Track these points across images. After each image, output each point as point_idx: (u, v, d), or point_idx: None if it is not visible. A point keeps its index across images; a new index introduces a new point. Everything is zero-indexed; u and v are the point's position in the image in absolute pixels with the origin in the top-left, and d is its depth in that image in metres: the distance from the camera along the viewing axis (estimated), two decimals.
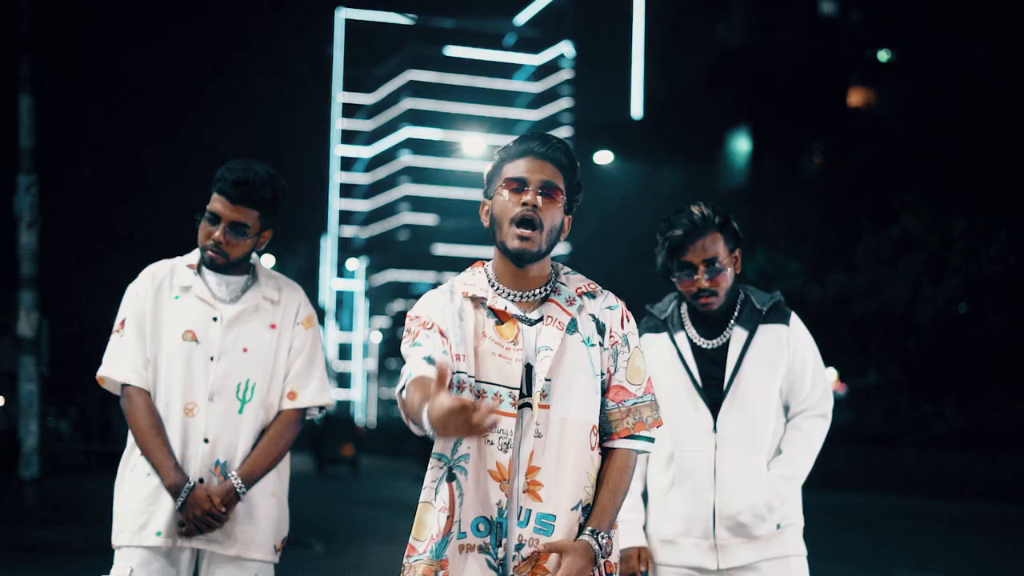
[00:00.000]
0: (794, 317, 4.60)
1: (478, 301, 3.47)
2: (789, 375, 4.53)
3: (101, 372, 4.53)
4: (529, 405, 3.40)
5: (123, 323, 4.53)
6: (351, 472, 39.49)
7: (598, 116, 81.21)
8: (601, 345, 3.50)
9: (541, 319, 3.47)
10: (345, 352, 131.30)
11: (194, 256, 4.60)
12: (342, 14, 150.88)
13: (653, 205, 51.35)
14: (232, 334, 4.48)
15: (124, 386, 4.47)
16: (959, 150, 36.13)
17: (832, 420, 4.64)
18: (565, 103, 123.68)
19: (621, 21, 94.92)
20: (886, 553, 14.64)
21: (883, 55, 53.62)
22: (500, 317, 3.45)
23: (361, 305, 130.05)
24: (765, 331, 4.51)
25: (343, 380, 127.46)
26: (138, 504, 4.41)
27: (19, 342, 16.12)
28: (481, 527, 3.34)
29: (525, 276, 3.48)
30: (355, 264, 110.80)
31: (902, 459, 28.45)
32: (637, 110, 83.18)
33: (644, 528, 4.62)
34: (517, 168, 3.45)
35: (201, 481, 4.39)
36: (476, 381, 3.37)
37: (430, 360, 3.31)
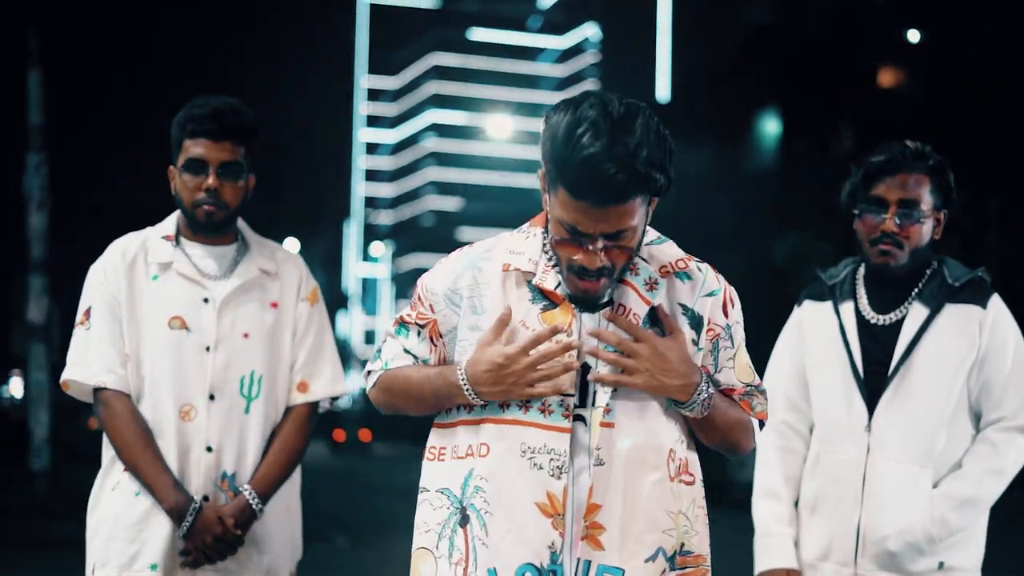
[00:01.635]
0: (995, 299, 3.60)
1: (524, 276, 2.65)
2: (981, 372, 3.53)
3: (66, 375, 3.68)
4: (583, 419, 2.60)
5: (88, 313, 3.70)
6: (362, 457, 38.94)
7: (624, 97, 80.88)
8: (695, 343, 2.67)
9: (610, 305, 2.64)
10: (370, 338, 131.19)
11: (168, 225, 3.81)
12: None
13: (679, 188, 50.90)
14: (228, 317, 3.70)
15: (97, 391, 3.65)
16: (991, 129, 35.58)
17: None
18: (590, 86, 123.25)
19: (647, 3, 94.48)
20: None
21: (913, 35, 53.02)
22: (552, 299, 2.62)
23: (386, 290, 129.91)
24: (953, 311, 3.55)
25: None
26: (126, 531, 3.60)
27: (29, 329, 15.68)
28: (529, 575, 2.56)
29: None
30: (380, 249, 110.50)
31: None
32: (663, 92, 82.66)
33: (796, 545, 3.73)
34: (570, 212, 2.51)
35: (206, 499, 3.61)
36: None
37: (409, 354, 2.69)
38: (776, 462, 3.81)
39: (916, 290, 3.62)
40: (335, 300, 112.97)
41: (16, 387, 45.67)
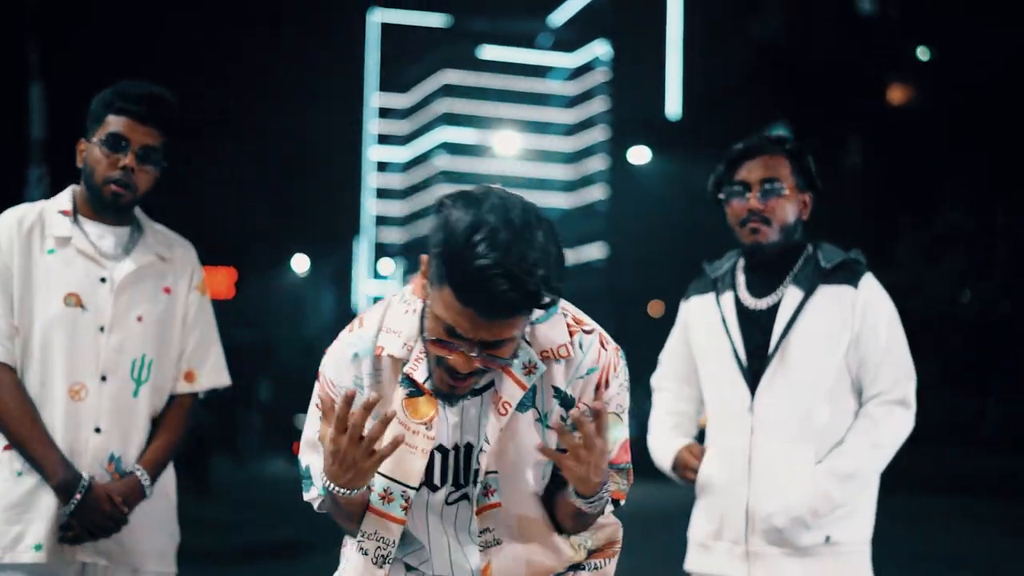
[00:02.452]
0: (867, 279, 3.73)
1: (396, 360, 2.55)
2: (858, 350, 3.65)
3: None
4: (467, 497, 2.57)
5: None
6: None
7: (635, 115, 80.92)
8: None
9: (486, 389, 2.54)
10: None
11: (64, 200, 3.74)
12: (376, 16, 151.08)
13: (690, 203, 51.05)
14: (124, 299, 3.64)
15: None
16: (999, 143, 35.58)
17: None
18: (600, 104, 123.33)
19: (657, 20, 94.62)
20: (930, 555, 14.11)
21: (923, 52, 53.09)
22: (418, 387, 2.53)
23: None
24: (825, 292, 3.68)
25: None
26: (7, 512, 3.53)
27: None
28: None
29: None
30: (389, 266, 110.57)
31: (944, 459, 27.93)
32: (674, 108, 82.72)
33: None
34: (453, 314, 2.38)
35: (92, 479, 3.55)
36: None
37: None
38: (659, 404, 4.09)
39: (791, 274, 3.74)
40: (344, 317, 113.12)
41: None
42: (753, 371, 3.70)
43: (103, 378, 3.59)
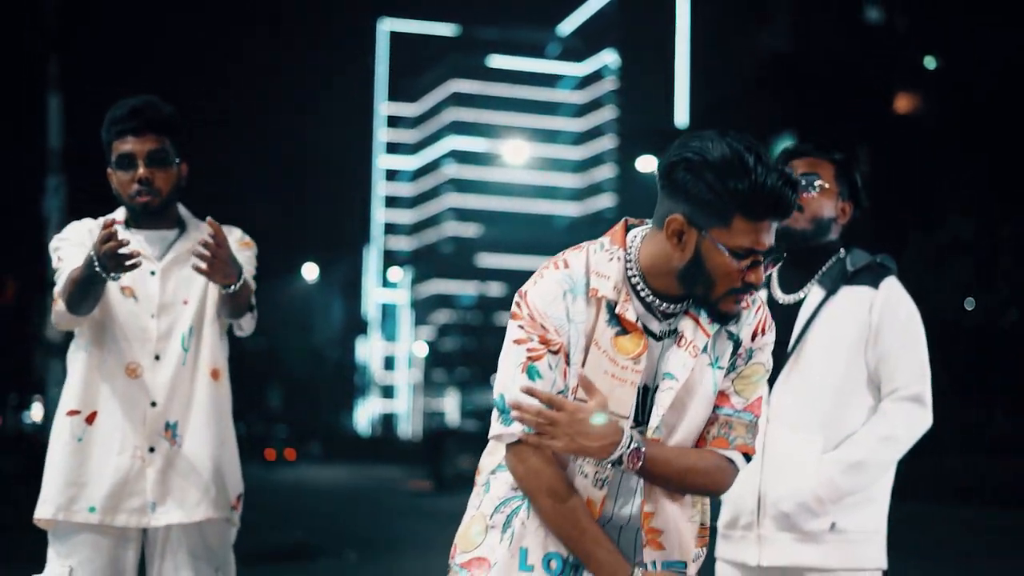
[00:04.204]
0: (889, 281, 3.88)
1: (603, 301, 2.81)
2: (876, 348, 3.80)
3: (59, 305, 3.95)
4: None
5: (60, 257, 4.00)
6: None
7: (642, 123, 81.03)
8: (732, 365, 2.89)
9: (672, 334, 2.83)
10: (389, 363, 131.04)
11: (119, 214, 4.13)
12: (385, 26, 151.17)
13: None
14: (170, 286, 4.04)
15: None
16: (1004, 153, 35.61)
17: None
18: (609, 112, 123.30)
19: (665, 29, 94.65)
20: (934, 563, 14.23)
21: (930, 61, 53.06)
22: (625, 327, 2.80)
23: (406, 316, 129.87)
24: (847, 293, 3.84)
25: (388, 391, 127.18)
26: (66, 475, 3.94)
27: (47, 348, 15.94)
28: (553, 564, 2.82)
29: (677, 293, 2.80)
30: (398, 274, 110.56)
31: (949, 468, 27.92)
32: (682, 117, 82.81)
33: None
34: (751, 235, 2.70)
35: (152, 450, 3.95)
36: (578, 399, 2.75)
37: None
38: None
39: (819, 274, 3.91)
40: (354, 326, 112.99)
41: (38, 413, 45.81)
42: (775, 364, 3.74)
43: (156, 357, 3.99)
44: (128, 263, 3.62)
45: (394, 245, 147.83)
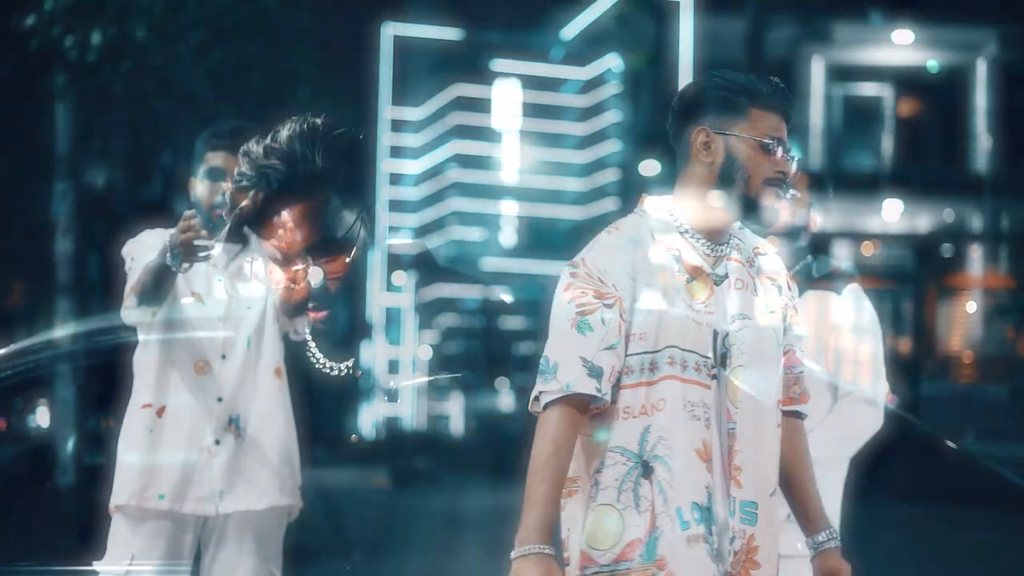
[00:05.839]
0: (852, 289, 4.09)
1: (669, 252, 3.04)
2: (834, 351, 4.01)
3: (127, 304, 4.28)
4: (715, 378, 2.99)
5: (132, 258, 4.33)
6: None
7: (646, 127, 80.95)
8: (784, 311, 3.16)
9: (727, 277, 3.08)
10: (394, 367, 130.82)
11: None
12: (389, 30, 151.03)
13: None
14: (236, 291, 4.35)
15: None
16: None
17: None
18: (612, 117, 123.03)
19: (668, 33, 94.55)
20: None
21: (932, 65, 53.02)
22: (692, 274, 3.03)
23: (410, 320, 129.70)
24: (810, 297, 4.02)
25: (391, 394, 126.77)
26: (140, 463, 4.21)
27: None
28: (696, 513, 2.94)
29: (722, 226, 3.08)
30: (402, 278, 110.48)
31: None
32: None
33: None
34: (768, 121, 3.08)
35: (217, 443, 4.22)
36: (668, 347, 2.94)
37: (595, 372, 2.86)
38: None
39: None
40: (357, 328, 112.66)
41: (43, 416, 45.76)
42: None
43: (223, 356, 4.29)
44: (201, 253, 3.86)
45: (398, 249, 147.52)
